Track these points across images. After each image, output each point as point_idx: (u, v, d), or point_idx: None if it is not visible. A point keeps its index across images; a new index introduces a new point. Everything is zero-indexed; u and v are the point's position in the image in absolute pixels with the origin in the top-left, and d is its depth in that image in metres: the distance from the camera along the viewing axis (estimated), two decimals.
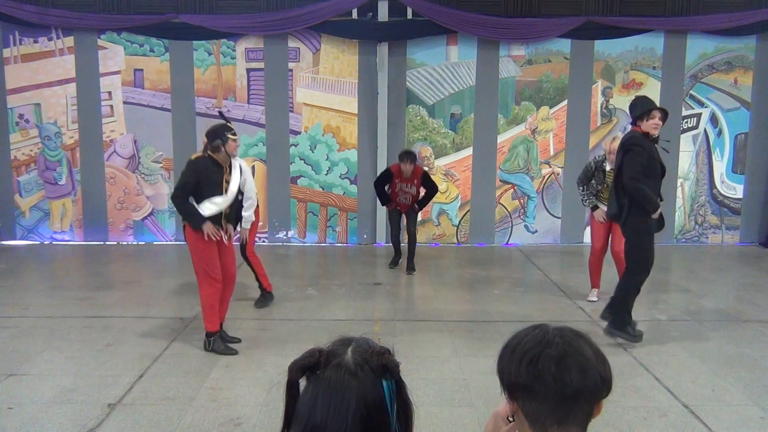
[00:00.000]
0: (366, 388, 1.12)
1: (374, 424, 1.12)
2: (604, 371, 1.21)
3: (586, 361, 1.19)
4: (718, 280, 7.31)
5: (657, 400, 4.08)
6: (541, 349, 1.19)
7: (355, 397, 1.11)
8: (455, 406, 3.98)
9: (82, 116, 8.83)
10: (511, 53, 8.89)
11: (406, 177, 7.17)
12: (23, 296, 6.33)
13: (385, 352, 1.17)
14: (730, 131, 9.15)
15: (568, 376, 1.17)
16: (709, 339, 5.26)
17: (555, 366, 1.17)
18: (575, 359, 1.18)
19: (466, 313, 5.99)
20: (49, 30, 8.67)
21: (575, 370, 1.17)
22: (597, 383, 1.19)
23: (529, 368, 1.18)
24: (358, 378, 1.12)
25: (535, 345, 1.20)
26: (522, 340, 1.24)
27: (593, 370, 1.19)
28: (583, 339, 1.23)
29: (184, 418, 3.77)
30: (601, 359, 1.22)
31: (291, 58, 8.81)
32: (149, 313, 5.80)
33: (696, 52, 8.94)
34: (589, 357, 1.20)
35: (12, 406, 3.89)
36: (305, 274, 7.53)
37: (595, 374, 1.19)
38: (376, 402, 1.12)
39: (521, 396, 1.22)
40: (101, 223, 9.00)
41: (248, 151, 8.90)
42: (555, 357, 1.18)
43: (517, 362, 1.21)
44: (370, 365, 1.14)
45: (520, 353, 1.21)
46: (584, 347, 1.21)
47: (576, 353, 1.19)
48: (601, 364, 1.21)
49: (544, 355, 1.18)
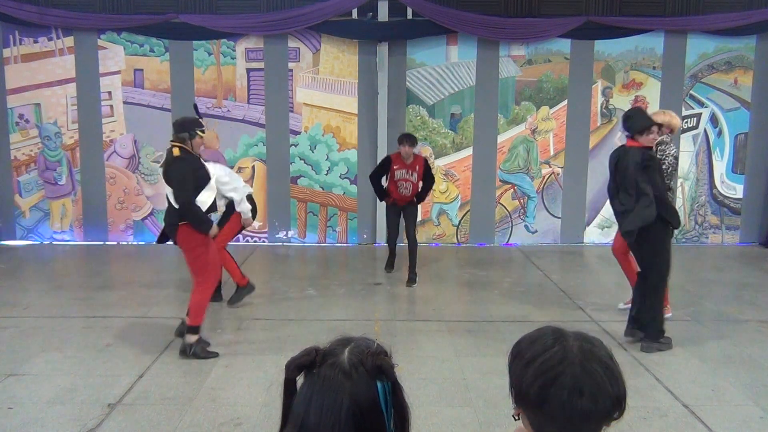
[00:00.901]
0: (359, 389, 1.12)
1: (367, 425, 1.12)
2: (619, 394, 1.19)
3: (599, 389, 1.16)
4: (718, 280, 7.31)
5: (657, 400, 4.08)
6: (556, 374, 1.16)
7: (348, 396, 1.11)
8: (455, 406, 3.98)
9: (82, 116, 8.83)
10: (511, 53, 8.88)
11: (406, 162, 6.76)
12: (23, 296, 6.33)
13: (381, 353, 1.17)
14: (730, 131, 9.15)
15: (579, 403, 1.15)
16: (709, 339, 5.26)
17: (567, 394, 1.15)
18: (588, 387, 1.16)
19: (466, 313, 5.99)
20: (49, 30, 8.67)
21: (587, 398, 1.15)
22: (608, 408, 1.17)
23: (542, 390, 1.17)
24: (352, 378, 1.12)
25: (553, 366, 1.17)
26: (539, 354, 1.20)
27: (605, 395, 1.17)
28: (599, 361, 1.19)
29: (184, 418, 3.77)
30: (616, 382, 1.19)
31: (291, 58, 8.81)
32: (149, 313, 5.81)
33: (696, 52, 8.94)
34: (602, 383, 1.17)
35: (12, 406, 3.89)
36: (305, 274, 7.53)
37: (606, 400, 1.17)
38: (370, 403, 1.12)
39: (528, 408, 1.21)
40: (101, 223, 9.00)
41: (248, 151, 8.91)
42: (569, 386, 1.15)
43: (530, 378, 1.19)
44: (365, 366, 1.14)
45: (534, 372, 1.18)
46: (599, 372, 1.17)
47: (590, 380, 1.16)
48: (616, 387, 1.18)
49: (557, 383, 1.16)
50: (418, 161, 6.83)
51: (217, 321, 5.58)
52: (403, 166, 6.79)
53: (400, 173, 6.82)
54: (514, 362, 1.24)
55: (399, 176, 6.83)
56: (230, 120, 8.87)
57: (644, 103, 9.00)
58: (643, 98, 9.00)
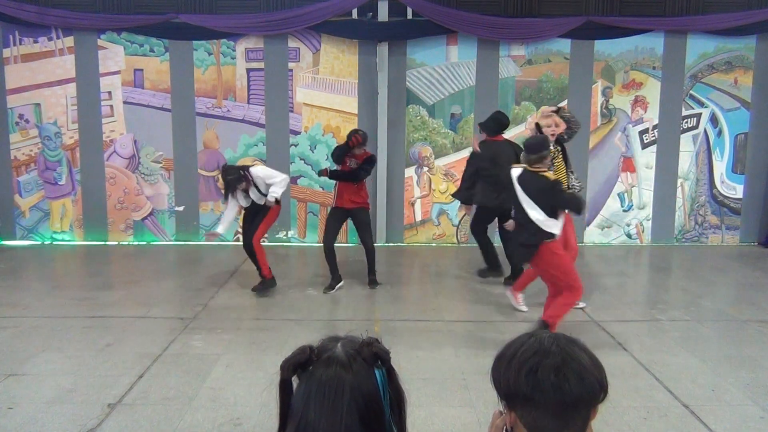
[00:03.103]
0: (360, 379, 1.13)
1: (369, 414, 1.13)
2: (601, 377, 1.22)
3: (584, 369, 1.19)
4: (718, 280, 7.31)
5: (657, 400, 4.08)
6: (539, 358, 1.20)
7: (349, 388, 1.12)
8: (455, 406, 3.98)
9: (82, 116, 8.83)
10: (511, 53, 8.88)
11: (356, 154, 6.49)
12: (23, 296, 6.33)
13: (374, 341, 1.18)
14: (730, 131, 9.15)
15: (568, 384, 1.17)
16: (709, 339, 5.27)
17: (554, 375, 1.17)
18: (573, 367, 1.19)
19: (466, 313, 5.99)
20: (49, 30, 8.67)
21: (574, 378, 1.18)
22: (595, 389, 1.20)
23: (528, 378, 1.19)
24: (352, 370, 1.14)
25: (533, 354, 1.21)
26: (518, 350, 1.24)
27: (591, 376, 1.20)
28: (577, 345, 1.24)
29: (184, 418, 3.77)
30: (596, 365, 1.23)
31: (291, 58, 8.81)
32: (149, 313, 5.81)
33: (696, 52, 8.94)
34: (586, 364, 1.20)
35: (12, 406, 3.89)
36: (305, 274, 7.53)
37: (593, 380, 1.20)
38: (371, 392, 1.13)
39: (520, 406, 1.22)
40: (101, 223, 9.00)
41: (248, 151, 8.91)
42: (554, 366, 1.18)
43: (515, 372, 1.21)
44: (361, 355, 1.15)
45: (518, 363, 1.21)
46: (580, 354, 1.22)
47: (573, 361, 1.20)
48: (597, 370, 1.22)
49: (543, 365, 1.18)
50: (365, 155, 6.56)
51: (217, 321, 5.59)
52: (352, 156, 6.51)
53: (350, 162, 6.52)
54: (497, 367, 1.27)
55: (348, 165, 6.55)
56: (230, 120, 8.87)
57: (644, 103, 9.01)
58: (643, 98, 9.01)
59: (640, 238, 9.26)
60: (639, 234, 9.26)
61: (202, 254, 8.39)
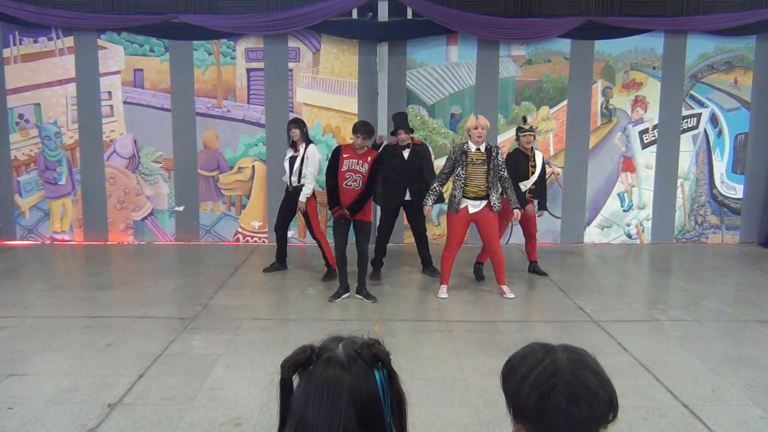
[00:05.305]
0: (359, 380, 1.13)
1: (368, 416, 1.12)
2: (610, 395, 1.22)
3: (594, 395, 1.19)
4: (718, 280, 7.31)
5: (657, 400, 4.08)
6: (552, 385, 1.19)
7: (348, 389, 1.12)
8: (455, 406, 3.98)
9: (82, 116, 8.83)
10: (511, 53, 8.89)
11: (358, 153, 6.11)
12: (23, 296, 6.33)
13: (375, 343, 1.18)
14: (730, 131, 9.15)
15: (578, 410, 1.18)
16: (709, 339, 5.27)
17: (565, 402, 1.18)
18: (584, 395, 1.19)
19: (466, 313, 5.99)
20: (49, 30, 8.67)
21: (584, 404, 1.18)
22: (604, 412, 1.20)
23: (539, 402, 1.19)
24: (351, 371, 1.13)
25: (547, 379, 1.20)
26: (532, 369, 1.23)
27: (600, 400, 1.20)
28: (589, 369, 1.23)
29: (184, 418, 3.77)
30: (606, 385, 1.23)
31: (291, 58, 8.81)
32: (149, 313, 5.80)
33: (696, 52, 8.94)
34: (596, 389, 1.20)
35: (12, 406, 3.89)
36: (305, 273, 7.52)
37: (601, 404, 1.20)
38: (370, 393, 1.13)
39: (528, 423, 1.23)
40: (101, 223, 9.00)
41: (248, 151, 8.91)
42: (566, 394, 1.18)
43: (526, 392, 1.21)
44: (362, 357, 1.15)
45: (531, 385, 1.21)
46: (591, 379, 1.21)
47: (585, 388, 1.19)
48: (607, 391, 1.22)
49: (555, 393, 1.19)
50: (371, 153, 6.19)
51: (217, 321, 5.59)
52: (354, 156, 6.13)
53: (348, 163, 6.10)
54: (509, 379, 1.27)
55: (347, 167, 6.09)
56: (230, 120, 8.87)
57: (644, 103, 9.01)
58: (643, 98, 9.01)
59: (640, 238, 9.26)
60: (639, 234, 9.27)
61: (202, 254, 8.39)
